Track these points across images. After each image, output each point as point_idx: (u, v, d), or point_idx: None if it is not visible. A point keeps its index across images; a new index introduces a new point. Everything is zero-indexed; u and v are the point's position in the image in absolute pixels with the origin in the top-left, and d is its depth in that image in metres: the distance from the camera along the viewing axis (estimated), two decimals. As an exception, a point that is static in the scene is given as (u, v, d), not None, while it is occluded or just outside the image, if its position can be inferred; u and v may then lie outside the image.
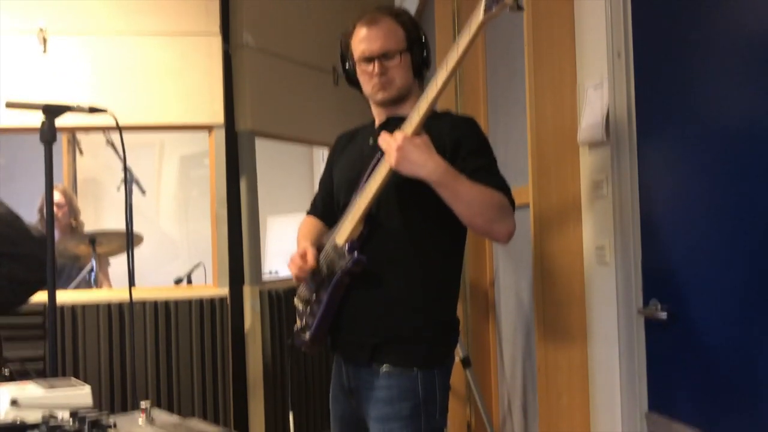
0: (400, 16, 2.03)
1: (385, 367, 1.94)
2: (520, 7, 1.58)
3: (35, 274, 2.23)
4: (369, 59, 1.99)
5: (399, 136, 1.79)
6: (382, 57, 1.98)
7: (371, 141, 2.05)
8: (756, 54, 1.66)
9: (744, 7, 1.70)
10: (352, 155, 2.12)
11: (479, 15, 1.62)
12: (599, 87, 2.20)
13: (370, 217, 1.95)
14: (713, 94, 1.81)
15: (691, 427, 1.84)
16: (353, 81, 2.10)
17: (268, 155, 3.99)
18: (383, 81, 1.99)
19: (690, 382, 1.89)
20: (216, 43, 3.37)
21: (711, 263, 1.81)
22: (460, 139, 1.95)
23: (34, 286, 2.29)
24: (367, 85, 2.03)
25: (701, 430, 1.81)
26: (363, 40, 2.00)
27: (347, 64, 2.09)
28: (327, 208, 2.20)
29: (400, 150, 1.77)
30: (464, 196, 1.82)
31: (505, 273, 3.12)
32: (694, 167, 1.89)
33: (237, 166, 3.40)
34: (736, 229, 1.72)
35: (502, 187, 1.92)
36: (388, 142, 1.80)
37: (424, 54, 2.03)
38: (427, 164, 1.78)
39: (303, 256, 2.01)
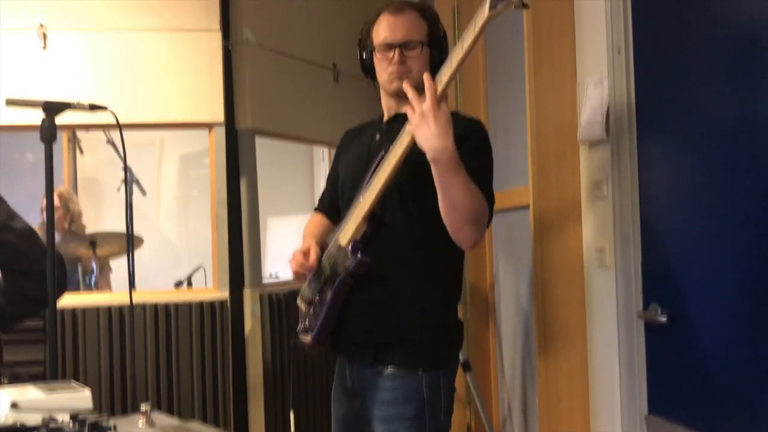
0: (425, 11, 2.04)
1: (389, 369, 1.94)
2: (525, 5, 1.57)
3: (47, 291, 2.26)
4: (390, 46, 1.98)
5: (429, 100, 1.72)
6: (404, 46, 1.97)
7: (378, 137, 2.05)
8: (756, 52, 1.65)
9: (744, 5, 1.69)
10: (357, 151, 2.12)
11: (484, 12, 1.61)
12: (599, 84, 2.19)
13: (373, 216, 1.94)
14: (714, 91, 1.80)
15: (691, 429, 1.84)
16: (368, 70, 2.08)
17: (268, 157, 3.97)
18: (401, 70, 1.97)
19: (690, 385, 1.88)
20: (216, 40, 3.35)
21: (711, 266, 1.80)
22: (460, 138, 1.93)
23: (45, 302, 2.32)
24: (384, 72, 2.01)
25: (701, 434, 1.81)
26: (386, 28, 1.99)
27: (365, 51, 2.07)
28: (334, 204, 2.19)
29: (424, 116, 1.73)
30: (457, 189, 1.78)
31: (504, 275, 3.11)
32: (694, 167, 1.88)
33: (237, 164, 3.39)
34: (737, 232, 1.71)
35: (487, 197, 1.90)
36: (416, 106, 1.76)
37: (443, 53, 2.01)
38: (439, 139, 1.72)
39: (305, 253, 2.02)
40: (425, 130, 1.73)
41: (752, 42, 1.67)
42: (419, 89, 1.96)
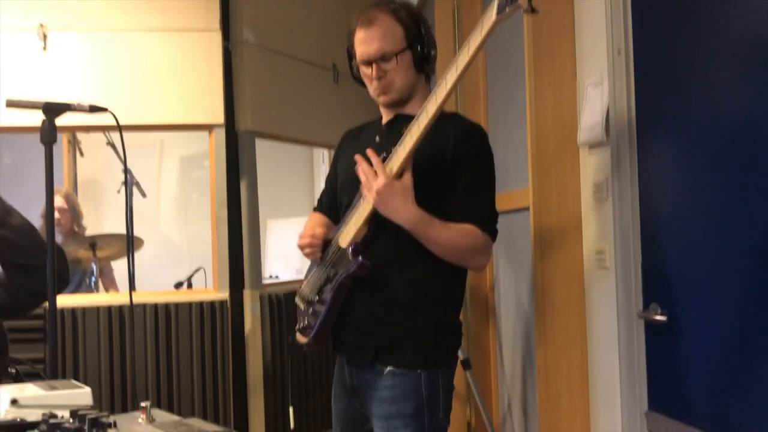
0: (398, 12, 1.98)
1: (389, 369, 1.94)
2: (533, 10, 1.55)
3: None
4: (367, 63, 1.98)
5: (381, 179, 1.81)
6: (380, 60, 1.95)
7: (377, 139, 2.04)
8: (757, 52, 1.65)
9: (745, 5, 1.69)
10: (357, 153, 2.11)
11: (492, 15, 1.60)
12: (599, 85, 2.19)
13: (374, 218, 1.94)
14: (715, 92, 1.80)
15: (690, 426, 1.84)
16: (360, 81, 2.08)
17: (268, 158, 3.99)
18: (383, 84, 1.97)
19: (689, 383, 1.88)
20: (216, 40, 3.36)
21: (711, 267, 1.80)
22: (461, 153, 1.93)
23: (46, 296, 2.33)
24: (369, 87, 2.02)
25: (701, 430, 1.81)
26: (361, 43, 1.98)
27: (353, 63, 2.06)
28: (333, 205, 2.19)
29: (379, 194, 1.82)
30: (437, 242, 1.88)
31: (505, 276, 3.11)
32: (694, 168, 1.88)
33: (237, 165, 3.40)
34: (737, 232, 1.71)
35: (485, 219, 1.92)
36: (369, 182, 1.83)
37: (426, 50, 1.99)
38: (401, 213, 1.82)
39: (312, 235, 2.04)
40: (389, 206, 1.82)
41: (753, 42, 1.67)
42: (404, 100, 2.00)
